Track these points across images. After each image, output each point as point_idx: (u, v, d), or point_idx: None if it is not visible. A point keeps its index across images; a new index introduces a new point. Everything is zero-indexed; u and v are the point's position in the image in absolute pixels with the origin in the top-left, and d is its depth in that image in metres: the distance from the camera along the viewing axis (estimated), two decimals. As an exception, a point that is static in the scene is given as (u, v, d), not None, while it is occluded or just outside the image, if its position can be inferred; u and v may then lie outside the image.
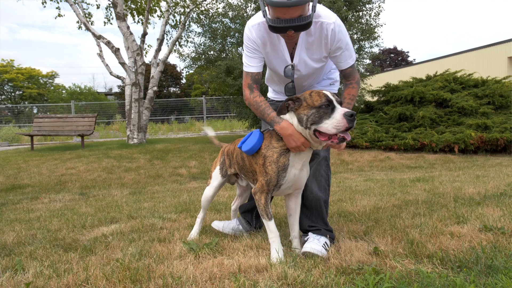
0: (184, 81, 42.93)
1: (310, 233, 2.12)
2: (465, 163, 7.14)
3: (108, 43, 10.33)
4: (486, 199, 3.27)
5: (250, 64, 2.09)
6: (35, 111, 24.94)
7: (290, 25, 1.80)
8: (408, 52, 38.52)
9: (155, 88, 10.88)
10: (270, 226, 1.96)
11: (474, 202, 3.16)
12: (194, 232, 2.49)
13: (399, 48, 37.35)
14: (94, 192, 5.38)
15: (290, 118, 1.95)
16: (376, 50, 11.14)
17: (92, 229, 2.90)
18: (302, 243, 2.12)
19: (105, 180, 6.38)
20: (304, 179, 2.04)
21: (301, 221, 2.19)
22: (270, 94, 2.52)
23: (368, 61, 10.90)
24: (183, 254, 2.08)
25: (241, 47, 9.95)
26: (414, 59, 38.37)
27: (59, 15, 12.40)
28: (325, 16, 1.97)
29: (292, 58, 2.09)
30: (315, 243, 1.97)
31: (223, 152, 2.45)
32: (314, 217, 2.18)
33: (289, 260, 1.84)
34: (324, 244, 2.00)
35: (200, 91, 37.07)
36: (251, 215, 2.55)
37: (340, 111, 1.81)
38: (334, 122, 1.79)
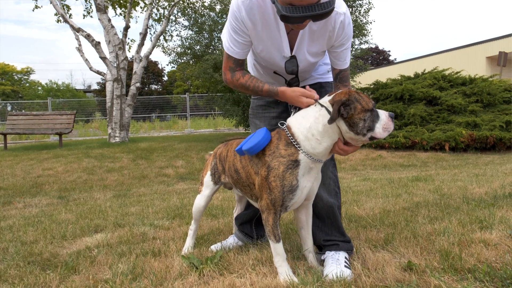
0: (166, 78, 42.18)
1: (327, 252, 1.83)
2: (458, 161, 7.07)
3: (88, 36, 9.83)
4: (497, 200, 3.11)
5: (233, 48, 1.76)
6: (9, 108, 23.86)
7: (308, 14, 1.44)
8: (389, 51, 38.99)
9: (138, 85, 10.43)
10: (278, 249, 1.67)
11: (486, 203, 2.98)
12: (187, 247, 2.17)
13: (380, 47, 37.74)
14: (74, 195, 4.98)
15: (326, 126, 1.57)
16: (365, 47, 11.01)
17: (74, 240, 2.56)
18: (319, 261, 1.86)
19: (86, 181, 5.97)
20: (316, 189, 1.75)
21: (314, 235, 1.90)
22: None
23: (358, 58, 10.77)
24: (184, 272, 1.78)
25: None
26: (395, 59, 38.88)
27: (36, 7, 11.76)
28: (336, 4, 1.64)
29: (291, 49, 1.76)
30: (335, 266, 1.68)
31: (215, 155, 2.11)
32: (328, 228, 1.90)
33: (313, 279, 1.58)
34: (345, 261, 1.74)
35: (183, 88, 36.44)
36: (250, 226, 2.26)
37: (383, 112, 1.61)
38: (383, 124, 1.58)
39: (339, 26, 1.69)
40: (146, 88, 37.45)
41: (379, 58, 37.41)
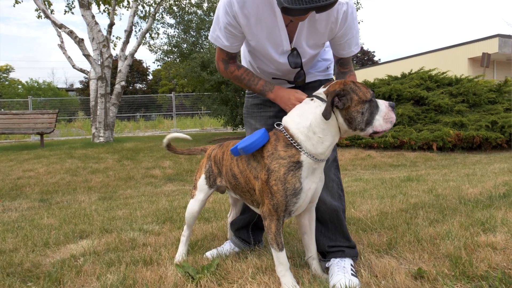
0: (150, 77, 41.62)
1: (332, 259, 1.73)
2: (446, 160, 7.11)
3: (70, 33, 9.52)
4: (493, 201, 3.08)
5: (225, 42, 1.65)
6: (-13, 107, 23.07)
7: (311, 6, 1.34)
8: (374, 52, 39.47)
9: (123, 83, 10.18)
10: (281, 258, 1.56)
11: (484, 204, 2.95)
12: (180, 254, 2.03)
13: (365, 48, 38.14)
14: (57, 198, 4.77)
15: (320, 120, 1.49)
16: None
17: (57, 247, 2.40)
18: (324, 269, 1.76)
19: (69, 183, 5.74)
20: (320, 190, 1.65)
21: (317, 241, 1.79)
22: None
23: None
24: (179, 283, 1.66)
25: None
26: (380, 59, 39.36)
27: (17, 2, 11.34)
28: None
29: (291, 42, 1.66)
30: (342, 275, 1.58)
31: (209, 157, 1.98)
32: (332, 233, 1.80)
33: (320, 289, 1.48)
34: (351, 269, 1.65)
35: (168, 87, 35.99)
36: (246, 232, 2.14)
37: (382, 102, 1.51)
38: (383, 115, 1.48)
39: (342, 18, 1.59)
40: (130, 87, 36.87)
41: (364, 58, 37.79)
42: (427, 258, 1.79)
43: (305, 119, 1.50)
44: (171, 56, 10.04)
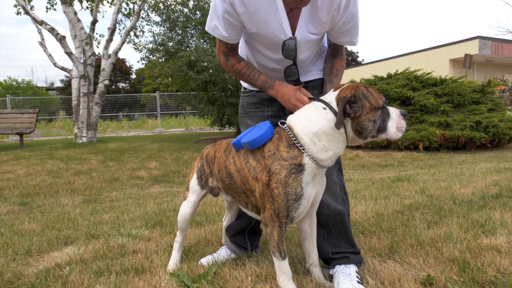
0: (134, 76, 40.99)
1: (336, 266, 1.65)
2: (432, 160, 7.17)
3: (52, 30, 9.22)
4: (487, 201, 3.08)
5: (223, 33, 1.56)
6: (-38, 106, 22.23)
7: None
8: (357, 52, 39.94)
9: (107, 82, 9.92)
10: (283, 267, 1.47)
11: (478, 205, 2.94)
12: (173, 261, 1.92)
13: (349, 49, 38.55)
14: (38, 202, 4.56)
15: (327, 129, 1.40)
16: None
17: (40, 255, 2.25)
18: (327, 276, 1.68)
19: (51, 185, 5.52)
20: (321, 194, 1.57)
21: (320, 247, 1.71)
22: (246, 83, 1.90)
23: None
24: (175, 294, 1.55)
25: (203, 40, 9.32)
26: (363, 60, 39.83)
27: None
28: None
29: (293, 30, 1.55)
30: (348, 283, 1.51)
31: (201, 156, 1.89)
32: (335, 238, 1.71)
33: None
34: (357, 276, 1.57)
35: (152, 87, 35.49)
36: (243, 237, 2.05)
37: (393, 110, 1.45)
38: (395, 123, 1.41)
39: (344, 4, 1.50)
40: (113, 86, 36.21)
41: (347, 59, 38.20)
42: (433, 263, 1.74)
43: (312, 124, 1.41)
44: (157, 55, 9.83)
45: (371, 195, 3.68)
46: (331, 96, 1.45)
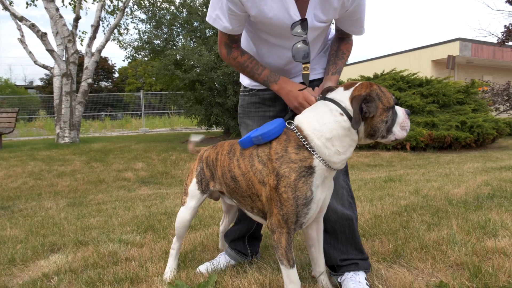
0: (116, 75, 40.29)
1: (346, 273, 1.59)
2: (420, 160, 7.24)
3: (32, 26, 8.90)
4: (482, 202, 3.08)
5: (226, 23, 1.47)
6: None
7: None
8: (343, 52, 40.33)
9: (90, 80, 9.65)
10: (291, 275, 1.39)
11: (473, 206, 2.94)
12: (170, 269, 1.82)
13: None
14: (19, 205, 4.36)
15: (343, 134, 1.33)
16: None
17: (25, 265, 2.11)
18: (335, 283, 1.61)
19: (32, 188, 5.30)
20: (329, 199, 1.50)
21: (327, 254, 1.63)
22: (246, 81, 1.82)
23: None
24: (176, 307, 1.46)
25: (190, 38, 9.16)
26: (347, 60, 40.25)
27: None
28: None
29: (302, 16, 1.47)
30: None
31: (200, 159, 1.78)
32: (343, 244, 1.64)
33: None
34: (366, 283, 1.51)
35: (135, 86, 34.93)
36: (243, 243, 1.96)
37: (399, 109, 1.40)
38: (401, 122, 1.37)
39: None
40: (95, 85, 35.49)
41: (333, 59, 38.53)
42: (441, 268, 1.69)
43: (327, 130, 1.33)
44: (142, 53, 9.61)
45: (365, 196, 3.64)
46: (343, 95, 1.37)
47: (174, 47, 9.20)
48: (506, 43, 15.40)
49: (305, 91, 1.52)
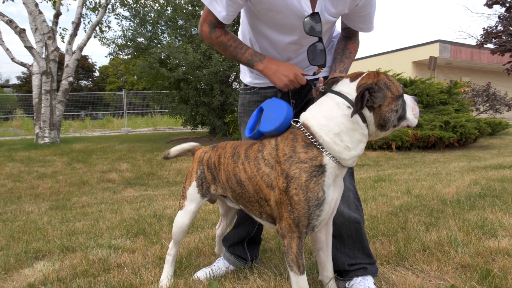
0: (97, 74, 39.46)
1: (354, 278, 1.53)
2: (406, 160, 7.31)
3: (10, 22, 8.56)
4: (474, 201, 3.10)
5: (220, 8, 1.40)
6: None
7: None
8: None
9: (71, 79, 9.36)
10: (301, 282, 1.33)
11: (466, 205, 2.95)
12: (166, 276, 1.72)
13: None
14: (-2, 209, 4.15)
15: (352, 128, 1.28)
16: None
17: (9, 274, 1.97)
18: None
19: (11, 190, 5.06)
20: (339, 200, 1.43)
21: (334, 259, 1.57)
22: (247, 79, 1.75)
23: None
24: (178, 318, 1.37)
25: (175, 36, 8.98)
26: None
27: None
28: None
29: (313, 7, 1.40)
30: None
31: (200, 161, 1.69)
32: (350, 249, 1.58)
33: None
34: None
35: (117, 85, 34.27)
36: (242, 247, 1.88)
37: (407, 96, 1.36)
38: (411, 109, 1.35)
39: None
40: (75, 84, 34.66)
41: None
42: (448, 270, 1.66)
43: (335, 125, 1.28)
44: (125, 51, 9.38)
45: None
46: (350, 87, 1.31)
47: (159, 45, 9.02)
48: (485, 45, 15.82)
49: (297, 68, 1.46)
